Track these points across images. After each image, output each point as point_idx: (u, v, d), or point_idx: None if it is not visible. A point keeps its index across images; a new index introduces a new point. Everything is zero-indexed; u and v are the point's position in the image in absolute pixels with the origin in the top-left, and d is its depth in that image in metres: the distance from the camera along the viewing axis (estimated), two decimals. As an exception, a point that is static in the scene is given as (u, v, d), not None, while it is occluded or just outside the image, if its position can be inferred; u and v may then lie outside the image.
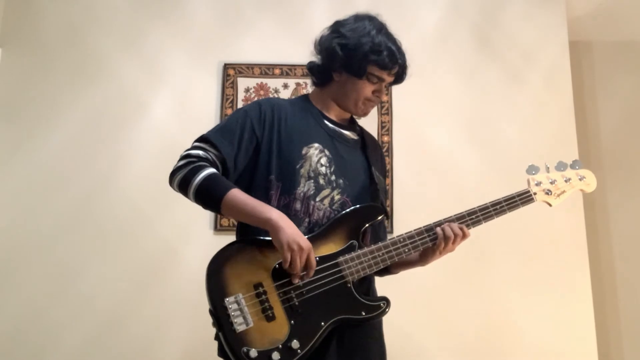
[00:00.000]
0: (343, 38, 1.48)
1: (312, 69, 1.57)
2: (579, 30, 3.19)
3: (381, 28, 1.50)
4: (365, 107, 1.55)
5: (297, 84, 2.77)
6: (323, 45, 1.53)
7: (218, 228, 2.60)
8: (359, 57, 1.46)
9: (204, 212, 1.43)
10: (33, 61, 2.75)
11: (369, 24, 1.50)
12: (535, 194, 1.57)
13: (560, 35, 2.92)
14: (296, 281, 1.33)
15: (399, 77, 1.54)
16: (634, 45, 3.32)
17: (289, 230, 1.29)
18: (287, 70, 2.78)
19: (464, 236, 1.46)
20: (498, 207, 1.52)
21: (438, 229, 1.46)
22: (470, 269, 2.60)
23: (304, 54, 1.60)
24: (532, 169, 1.60)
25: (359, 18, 1.53)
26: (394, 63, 1.48)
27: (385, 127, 2.76)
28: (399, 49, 1.51)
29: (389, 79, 1.52)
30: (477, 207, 1.51)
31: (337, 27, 1.53)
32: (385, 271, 1.56)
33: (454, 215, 1.49)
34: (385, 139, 2.74)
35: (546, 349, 2.55)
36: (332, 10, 2.73)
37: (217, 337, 1.34)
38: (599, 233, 3.07)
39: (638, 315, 2.98)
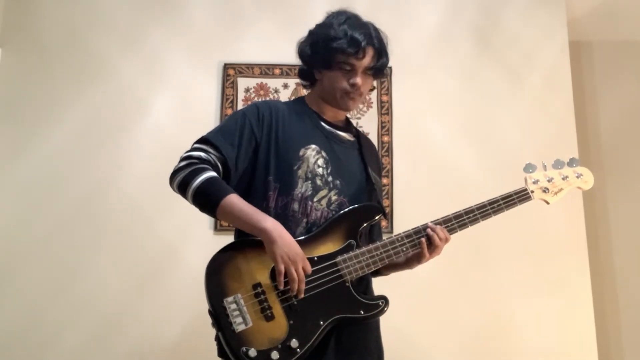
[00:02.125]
0: (311, 37, 1.55)
1: (300, 75, 1.62)
2: (579, 30, 3.19)
3: (347, 18, 1.51)
4: (344, 99, 1.52)
5: (297, 84, 2.77)
6: (299, 50, 1.58)
7: (218, 228, 2.60)
8: (323, 49, 1.49)
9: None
10: (33, 61, 2.75)
11: (334, 17, 1.53)
12: (532, 192, 1.57)
13: (560, 35, 2.92)
14: (294, 291, 1.31)
15: (376, 61, 1.51)
16: (634, 45, 3.31)
17: (282, 242, 1.30)
18: (287, 70, 2.78)
19: (447, 240, 1.48)
20: (495, 205, 1.53)
21: (429, 232, 1.46)
22: (469, 270, 2.60)
23: (304, 54, 1.61)
24: (529, 167, 1.60)
25: (328, 16, 1.57)
26: (355, 47, 1.46)
27: (385, 127, 2.76)
28: (367, 33, 1.48)
29: (359, 63, 1.48)
30: (475, 205, 1.52)
31: (310, 31, 1.58)
32: (376, 272, 1.56)
33: (452, 213, 1.50)
34: (385, 139, 2.74)
35: (546, 350, 2.54)
36: (331, 10, 2.72)
37: (216, 338, 1.35)
38: (599, 233, 3.06)
39: (638, 315, 2.98)
